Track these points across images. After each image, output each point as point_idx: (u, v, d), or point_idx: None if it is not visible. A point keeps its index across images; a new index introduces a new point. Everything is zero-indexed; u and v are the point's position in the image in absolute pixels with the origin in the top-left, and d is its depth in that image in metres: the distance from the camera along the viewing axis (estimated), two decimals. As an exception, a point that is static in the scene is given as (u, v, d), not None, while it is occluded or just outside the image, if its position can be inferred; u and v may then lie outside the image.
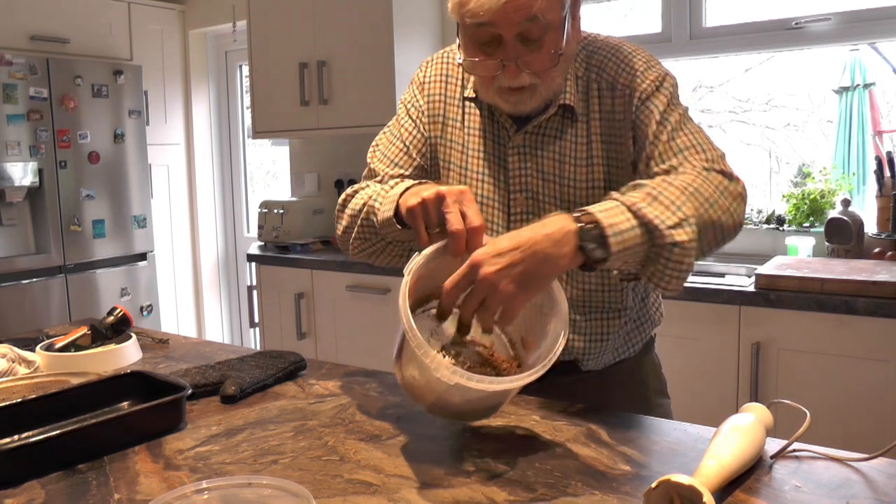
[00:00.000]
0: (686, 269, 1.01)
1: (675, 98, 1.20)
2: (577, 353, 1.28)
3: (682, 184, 1.04)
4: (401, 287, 0.95)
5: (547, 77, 1.13)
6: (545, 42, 1.09)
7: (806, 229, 2.75)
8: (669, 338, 2.29)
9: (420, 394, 1.00)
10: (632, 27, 3.18)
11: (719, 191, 1.07)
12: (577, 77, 1.22)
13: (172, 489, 0.86)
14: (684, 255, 1.00)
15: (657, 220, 0.99)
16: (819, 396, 2.12)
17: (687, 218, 1.00)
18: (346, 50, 3.24)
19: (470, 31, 1.11)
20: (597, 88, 1.21)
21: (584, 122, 1.21)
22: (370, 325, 3.02)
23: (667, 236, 0.98)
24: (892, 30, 2.59)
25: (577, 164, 1.21)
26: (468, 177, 1.27)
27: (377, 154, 1.34)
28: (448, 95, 1.30)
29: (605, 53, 1.23)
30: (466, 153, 1.27)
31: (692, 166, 1.10)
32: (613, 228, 0.97)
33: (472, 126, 1.27)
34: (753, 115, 3.38)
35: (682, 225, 0.99)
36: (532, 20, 1.06)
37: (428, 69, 1.34)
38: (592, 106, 1.21)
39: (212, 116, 4.55)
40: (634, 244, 0.98)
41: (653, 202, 1.00)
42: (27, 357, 1.46)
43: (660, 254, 1.00)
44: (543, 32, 1.08)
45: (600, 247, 0.97)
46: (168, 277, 4.36)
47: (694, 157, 1.12)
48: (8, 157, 3.40)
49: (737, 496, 0.87)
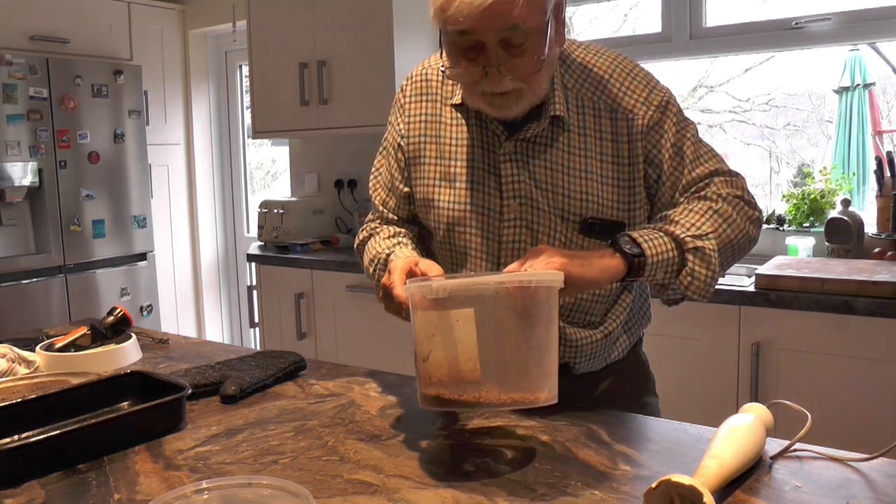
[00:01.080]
0: (710, 276, 1.13)
1: (681, 120, 1.22)
2: (567, 359, 1.28)
3: (700, 208, 1.15)
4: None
5: (532, 81, 1.13)
6: (528, 48, 1.09)
7: (806, 229, 2.75)
8: (669, 338, 2.29)
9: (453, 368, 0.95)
10: (632, 27, 3.18)
11: (740, 213, 1.17)
12: (567, 88, 1.22)
13: (172, 489, 0.86)
14: (710, 261, 1.12)
15: (679, 231, 1.12)
16: (819, 396, 2.12)
17: (707, 234, 1.13)
18: (346, 50, 3.24)
19: (452, 39, 1.11)
20: (593, 107, 1.21)
21: (580, 136, 1.21)
22: (370, 325, 3.02)
23: (688, 242, 1.12)
24: (892, 30, 2.59)
25: (570, 175, 1.21)
26: (456, 187, 1.26)
27: (376, 185, 1.41)
28: (429, 113, 1.31)
29: (603, 71, 1.22)
30: (455, 164, 1.27)
31: (716, 193, 1.18)
32: (642, 236, 1.11)
33: (460, 136, 1.27)
34: (753, 115, 3.38)
35: (703, 237, 1.12)
36: (513, 28, 1.06)
37: (408, 88, 1.34)
38: (588, 123, 1.21)
39: (212, 116, 4.55)
40: (664, 250, 1.11)
41: (673, 225, 1.14)
42: (27, 357, 1.46)
43: (686, 259, 1.12)
44: (525, 38, 1.08)
45: (634, 244, 1.09)
46: (168, 277, 4.36)
47: (720, 183, 1.19)
48: (8, 157, 3.40)
49: (737, 496, 0.87)
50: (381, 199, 1.39)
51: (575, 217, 1.21)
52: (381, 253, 1.27)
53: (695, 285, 1.12)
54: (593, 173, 1.20)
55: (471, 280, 0.97)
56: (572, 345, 1.26)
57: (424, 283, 0.95)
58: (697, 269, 1.12)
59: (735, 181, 1.20)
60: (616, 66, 1.23)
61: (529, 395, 0.94)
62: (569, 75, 1.22)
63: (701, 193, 1.18)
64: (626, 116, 1.20)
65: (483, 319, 0.94)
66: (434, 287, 0.93)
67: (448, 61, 1.14)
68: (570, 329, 1.26)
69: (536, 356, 0.95)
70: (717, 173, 1.20)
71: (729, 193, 1.17)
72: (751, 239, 1.19)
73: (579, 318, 1.27)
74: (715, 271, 1.13)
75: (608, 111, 1.21)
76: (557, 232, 1.22)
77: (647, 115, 1.20)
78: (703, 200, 1.17)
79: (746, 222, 1.17)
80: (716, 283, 1.14)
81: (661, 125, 1.20)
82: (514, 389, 0.94)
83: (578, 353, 1.28)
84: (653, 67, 3.07)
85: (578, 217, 1.21)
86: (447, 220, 1.27)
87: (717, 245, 1.13)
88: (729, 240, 1.15)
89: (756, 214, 1.20)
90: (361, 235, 1.39)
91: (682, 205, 1.18)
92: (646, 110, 1.20)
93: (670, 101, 1.22)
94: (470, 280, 0.97)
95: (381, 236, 1.32)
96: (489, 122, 1.23)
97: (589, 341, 1.27)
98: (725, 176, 1.20)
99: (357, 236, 1.41)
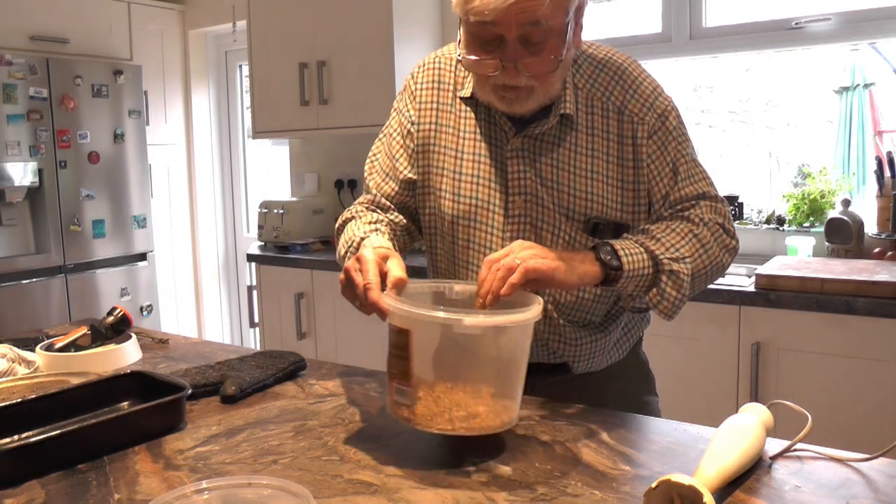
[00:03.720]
0: (680, 298, 1.15)
1: (681, 135, 1.24)
2: (566, 358, 1.28)
3: (682, 230, 1.17)
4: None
5: (545, 81, 1.13)
6: (546, 46, 1.09)
7: (806, 229, 2.75)
8: (669, 338, 2.29)
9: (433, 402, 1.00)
10: (632, 27, 3.18)
11: (717, 241, 1.20)
12: (577, 87, 1.22)
13: (172, 489, 0.86)
14: (681, 284, 1.14)
15: (658, 252, 1.14)
16: (819, 396, 2.12)
17: (684, 257, 1.15)
18: (346, 50, 3.24)
19: (473, 29, 1.11)
20: (601, 108, 1.22)
21: (587, 135, 1.21)
22: (370, 325, 3.01)
23: (665, 264, 1.13)
24: (892, 30, 2.59)
25: (575, 174, 1.21)
26: (462, 180, 1.26)
27: (372, 168, 1.37)
28: (440, 101, 1.30)
29: (612, 74, 1.23)
30: (461, 157, 1.27)
31: (699, 217, 1.20)
32: (624, 249, 1.13)
33: (468, 129, 1.27)
34: (753, 115, 3.38)
35: (680, 260, 1.14)
36: (535, 24, 1.06)
37: (419, 76, 1.33)
38: (596, 123, 1.22)
39: (212, 116, 4.55)
40: (640, 266, 1.12)
41: (654, 242, 1.15)
42: (27, 357, 1.46)
43: (660, 279, 1.14)
44: (545, 37, 1.08)
45: (614, 257, 1.11)
46: (168, 277, 4.36)
47: (705, 207, 1.22)
48: (8, 157, 3.40)
49: (737, 496, 0.87)
50: (375, 183, 1.35)
51: (579, 216, 1.21)
52: (356, 237, 1.22)
53: (663, 305, 1.15)
54: (599, 174, 1.21)
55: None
56: (572, 344, 1.27)
57: (432, 314, 0.94)
58: (668, 290, 1.14)
59: (719, 208, 1.23)
60: (626, 69, 1.24)
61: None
62: (580, 75, 1.23)
63: (685, 214, 1.20)
64: (631, 119, 1.21)
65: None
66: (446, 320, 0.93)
67: (465, 51, 1.14)
68: (569, 328, 1.26)
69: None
70: (704, 196, 1.22)
71: (711, 219, 1.20)
72: (723, 267, 1.22)
73: (580, 318, 1.27)
74: (684, 295, 1.15)
75: (616, 112, 1.21)
76: (561, 230, 1.22)
77: (651, 121, 1.21)
78: (686, 222, 1.19)
79: (722, 251, 1.21)
80: (682, 306, 1.17)
81: (662, 135, 1.21)
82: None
83: (578, 353, 1.28)
84: (653, 67, 3.08)
85: (583, 217, 1.21)
86: (451, 213, 1.27)
87: (691, 270, 1.15)
88: (703, 266, 1.18)
89: (733, 244, 1.23)
90: (344, 216, 1.34)
91: (665, 221, 1.20)
92: (650, 117, 1.21)
93: (672, 111, 1.24)
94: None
95: (362, 220, 1.27)
96: (498, 117, 1.23)
97: (589, 341, 1.27)
98: (712, 201, 1.23)
99: (340, 217, 1.36)
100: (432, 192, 1.30)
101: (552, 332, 1.26)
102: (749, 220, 2.93)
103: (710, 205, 1.22)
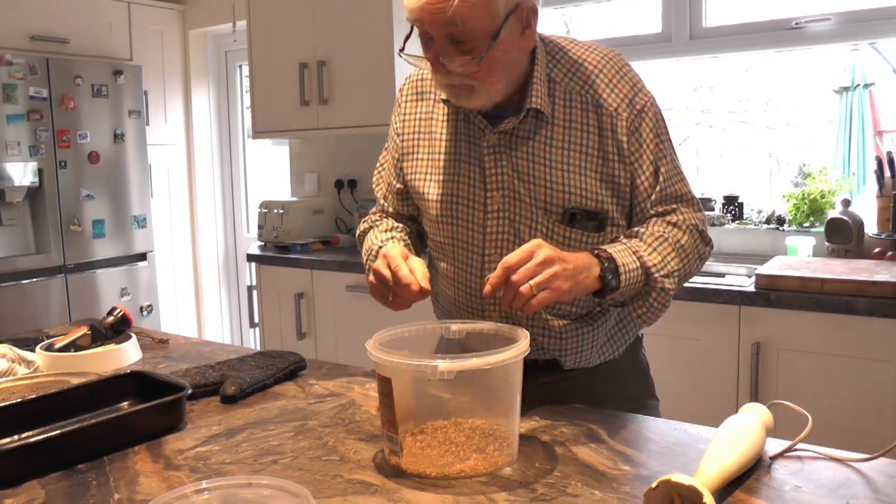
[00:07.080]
0: (664, 309, 1.21)
1: (661, 132, 1.25)
2: (555, 353, 1.28)
3: (673, 238, 1.21)
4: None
5: (483, 80, 1.15)
6: (472, 47, 1.12)
7: (806, 229, 2.75)
8: (670, 338, 2.29)
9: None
10: (632, 27, 3.18)
11: (696, 251, 1.25)
12: (555, 81, 1.23)
13: (172, 489, 0.86)
14: (667, 298, 1.20)
15: (654, 268, 1.17)
16: (819, 396, 2.12)
17: (674, 272, 1.19)
18: (346, 50, 3.24)
19: (415, 27, 1.16)
20: (580, 102, 1.23)
21: (564, 128, 1.22)
22: (370, 325, 3.00)
23: (658, 281, 1.18)
24: (892, 30, 2.59)
25: (551, 167, 1.22)
26: (444, 179, 1.29)
27: (379, 179, 1.47)
28: (422, 111, 1.35)
29: (592, 68, 1.24)
30: (440, 158, 1.30)
31: (684, 222, 1.24)
32: (625, 266, 1.15)
33: (447, 131, 1.30)
34: (753, 115, 3.38)
35: (670, 276, 1.19)
36: (452, 24, 1.10)
37: (405, 88, 1.40)
38: (575, 116, 1.22)
39: (212, 116, 4.55)
40: (636, 281, 1.16)
41: (651, 252, 1.18)
42: (27, 357, 1.46)
43: (649, 293, 1.19)
44: (468, 38, 1.12)
45: (615, 277, 1.14)
46: (168, 277, 4.36)
47: (687, 212, 1.25)
48: (8, 157, 3.40)
49: (737, 496, 0.87)
50: (381, 193, 1.46)
51: (556, 209, 1.23)
52: (375, 245, 1.33)
53: (647, 315, 1.21)
54: (574, 165, 1.22)
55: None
56: (557, 337, 1.27)
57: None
58: (656, 304, 1.20)
59: (698, 212, 1.27)
60: (605, 63, 1.24)
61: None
62: (558, 69, 1.24)
63: (671, 219, 1.23)
64: (609, 114, 1.22)
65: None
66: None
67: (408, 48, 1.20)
68: (553, 320, 1.26)
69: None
70: (684, 198, 1.26)
71: (693, 226, 1.24)
72: (692, 276, 1.28)
73: (562, 309, 1.27)
74: (667, 306, 1.21)
75: (594, 106, 1.22)
76: (539, 223, 1.23)
77: (630, 117, 1.22)
78: (674, 228, 1.22)
79: (697, 260, 1.25)
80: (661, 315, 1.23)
81: (641, 131, 1.22)
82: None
83: (565, 347, 1.28)
84: (653, 67, 3.09)
85: (560, 209, 1.23)
86: (435, 212, 1.31)
87: (677, 283, 1.21)
88: (683, 276, 1.23)
89: (707, 252, 1.28)
90: (363, 226, 1.45)
91: (657, 225, 1.22)
92: (629, 113, 1.22)
93: (650, 108, 1.24)
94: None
95: (379, 229, 1.38)
96: (473, 116, 1.25)
97: (575, 334, 1.27)
98: (690, 202, 1.26)
99: (358, 226, 1.47)
100: (418, 196, 1.34)
101: (535, 325, 1.26)
102: (749, 220, 2.93)
103: (691, 210, 1.26)
